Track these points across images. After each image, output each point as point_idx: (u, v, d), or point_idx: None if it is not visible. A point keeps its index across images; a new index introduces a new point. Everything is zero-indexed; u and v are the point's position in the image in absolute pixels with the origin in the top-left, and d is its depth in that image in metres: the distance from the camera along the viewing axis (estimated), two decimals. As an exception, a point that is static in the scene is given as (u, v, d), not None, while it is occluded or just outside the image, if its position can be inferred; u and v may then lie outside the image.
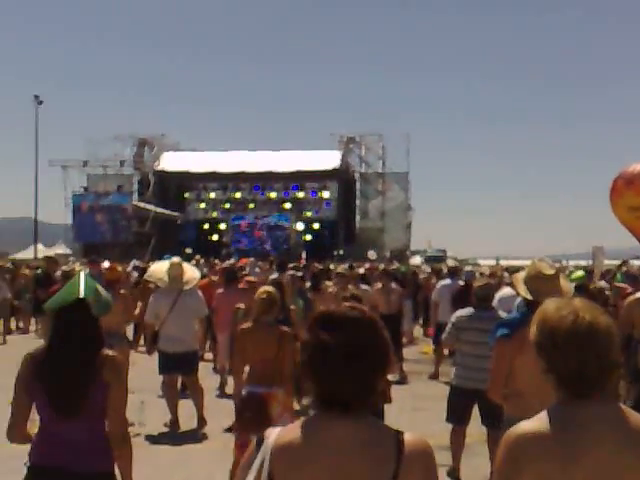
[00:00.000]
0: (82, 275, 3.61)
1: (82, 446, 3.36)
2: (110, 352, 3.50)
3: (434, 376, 11.98)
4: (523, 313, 4.43)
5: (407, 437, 2.00)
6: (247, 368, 5.97)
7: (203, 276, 12.41)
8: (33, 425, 3.49)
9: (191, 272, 9.03)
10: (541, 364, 2.18)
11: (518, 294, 4.63)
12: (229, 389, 9.49)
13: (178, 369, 8.69)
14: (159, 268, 9.10)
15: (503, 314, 6.43)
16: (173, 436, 8.20)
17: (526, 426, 2.14)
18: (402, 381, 11.80)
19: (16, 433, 3.43)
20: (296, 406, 6.15)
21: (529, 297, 4.37)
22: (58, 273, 15.11)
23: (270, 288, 6.34)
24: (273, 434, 1.99)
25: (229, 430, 7.30)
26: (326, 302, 9.34)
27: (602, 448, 2.05)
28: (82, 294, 3.45)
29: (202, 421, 8.56)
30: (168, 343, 8.52)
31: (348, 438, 1.95)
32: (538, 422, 2.13)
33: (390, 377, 6.40)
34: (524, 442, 2.10)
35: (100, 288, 3.63)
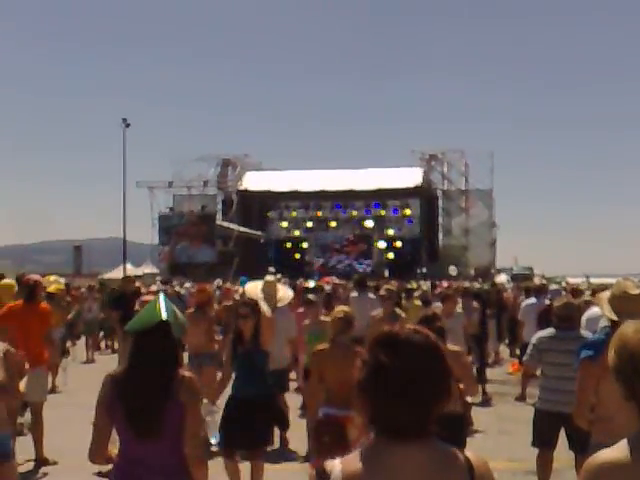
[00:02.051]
0: (161, 297, 3.65)
1: (161, 467, 3.39)
2: (186, 373, 3.52)
3: (521, 398, 11.68)
4: (608, 334, 4.26)
5: (473, 459, 1.95)
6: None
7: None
8: (114, 446, 3.53)
9: (284, 291, 9.18)
10: (621, 390, 2.07)
11: (603, 314, 4.46)
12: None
13: (281, 387, 8.75)
14: (253, 287, 9.22)
15: (587, 334, 6.21)
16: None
17: (606, 455, 2.04)
18: (486, 403, 11.55)
19: (97, 454, 3.47)
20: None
21: (614, 317, 4.21)
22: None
23: (346, 307, 6.29)
24: (337, 466, 1.93)
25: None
26: (407, 322, 9.25)
27: None
28: (164, 317, 3.49)
29: (285, 441, 8.56)
30: (271, 361, 8.54)
31: (418, 464, 1.89)
32: (618, 451, 2.02)
33: (471, 399, 6.25)
34: (604, 472, 2.01)
35: (177, 310, 3.67)
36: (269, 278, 9.28)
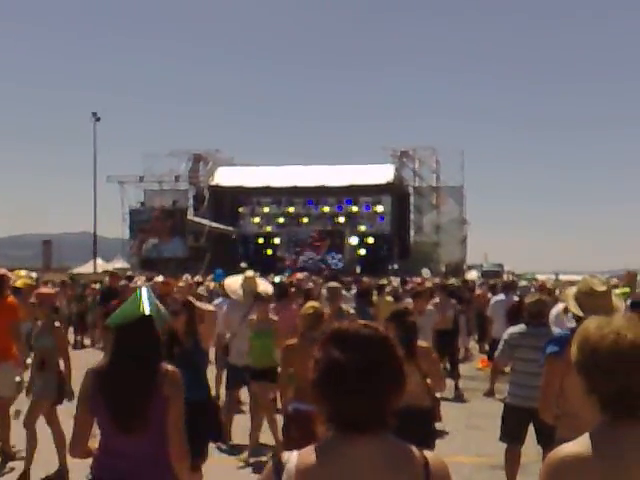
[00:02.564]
0: (144, 291, 3.63)
1: (143, 460, 3.37)
2: (169, 367, 3.50)
3: (489, 393, 11.76)
4: (573, 330, 4.30)
5: (431, 457, 1.96)
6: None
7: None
8: (94, 440, 3.51)
9: (264, 286, 9.18)
10: (583, 384, 2.10)
11: (569, 310, 4.50)
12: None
13: (246, 382, 8.75)
14: (234, 281, 9.23)
15: (556, 330, 6.28)
16: (223, 449, 8.19)
17: (568, 449, 2.07)
18: (458, 398, 11.62)
19: (78, 448, 3.46)
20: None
21: (580, 313, 4.25)
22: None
23: (316, 303, 6.29)
24: (292, 458, 1.94)
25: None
26: (379, 318, 9.30)
27: None
28: (147, 311, 3.48)
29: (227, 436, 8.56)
30: (238, 357, 8.54)
31: (372, 459, 1.90)
32: (580, 445, 2.05)
33: (440, 395, 6.27)
34: (565, 466, 2.03)
35: (159, 304, 3.67)
36: (249, 273, 9.31)
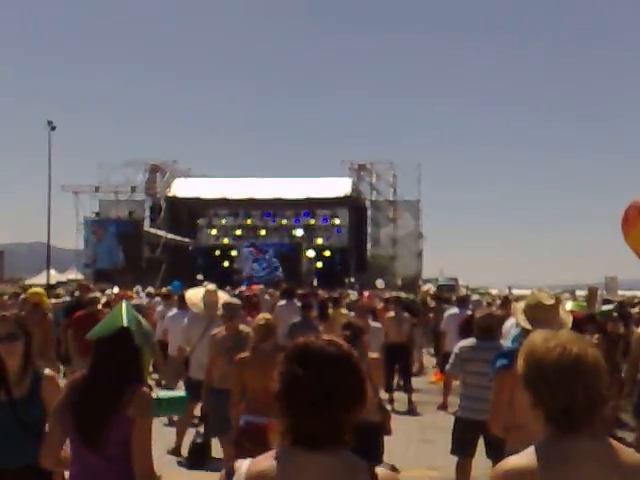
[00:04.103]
0: (124, 305, 3.61)
1: (106, 476, 3.32)
2: (141, 387, 3.43)
3: (442, 407, 11.86)
4: (522, 343, 4.37)
5: (380, 472, 1.98)
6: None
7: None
8: (66, 450, 3.47)
9: (224, 298, 9.11)
10: (529, 398, 2.14)
11: (518, 324, 4.59)
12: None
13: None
14: (195, 294, 9.15)
15: (507, 344, 6.37)
16: (176, 462, 8.14)
17: (513, 462, 2.09)
18: (411, 412, 11.68)
19: (48, 457, 3.43)
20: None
21: (528, 327, 4.33)
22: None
23: (267, 315, 6.30)
24: (244, 465, 1.96)
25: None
26: (334, 331, 9.30)
27: None
28: (125, 323, 3.44)
29: (208, 450, 8.53)
30: (198, 371, 8.47)
31: (321, 472, 1.92)
32: (525, 458, 2.08)
33: (390, 407, 6.31)
34: (510, 478, 2.06)
35: (141, 319, 3.62)
36: (210, 287, 9.24)
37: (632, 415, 8.49)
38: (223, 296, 9.27)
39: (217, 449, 8.33)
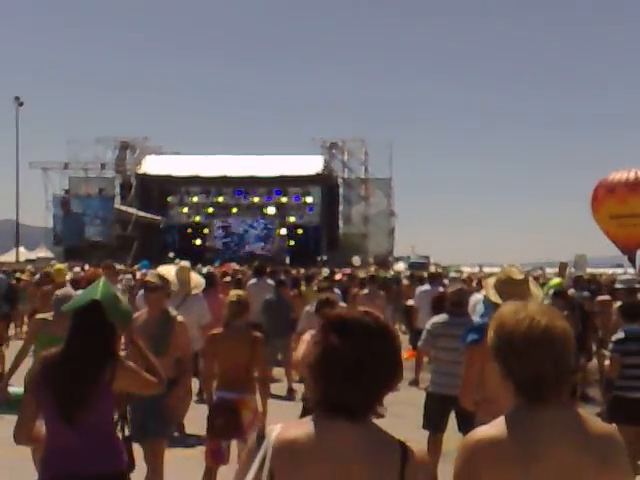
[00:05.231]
0: (102, 280, 3.61)
1: (89, 449, 3.31)
2: (126, 362, 3.48)
3: (414, 382, 11.98)
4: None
5: (410, 447, 2.00)
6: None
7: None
8: (40, 428, 3.47)
9: (197, 278, 9.10)
10: (499, 369, 2.16)
11: (488, 299, 4.63)
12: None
13: None
14: (167, 270, 9.07)
15: (475, 319, 6.43)
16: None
17: (483, 432, 2.12)
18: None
19: (22, 434, 3.41)
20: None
21: (499, 301, 4.37)
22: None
23: (240, 292, 6.28)
24: (275, 431, 1.95)
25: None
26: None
27: (558, 452, 2.04)
28: (98, 296, 3.44)
29: (181, 427, 8.51)
30: None
31: (353, 443, 1.93)
32: (495, 428, 2.11)
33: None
34: (481, 448, 2.08)
35: (119, 295, 3.62)
36: (183, 264, 9.19)
37: (601, 389, 8.65)
38: (194, 274, 9.23)
39: (190, 427, 8.34)
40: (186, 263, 9.36)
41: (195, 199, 54.61)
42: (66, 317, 3.56)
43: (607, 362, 6.62)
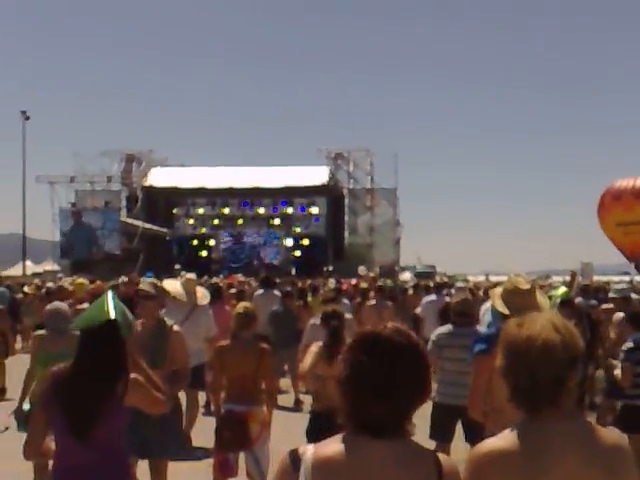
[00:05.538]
0: (110, 295, 3.57)
1: (100, 465, 3.31)
2: (132, 375, 3.46)
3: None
4: (500, 328, 4.40)
5: (443, 459, 2.01)
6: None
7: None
8: (50, 442, 3.45)
9: (202, 290, 9.12)
10: (505, 383, 2.17)
11: (495, 309, 4.62)
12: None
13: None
14: (173, 285, 9.06)
15: (483, 329, 6.42)
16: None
17: (491, 444, 2.11)
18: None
19: (32, 449, 3.40)
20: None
21: (506, 312, 4.36)
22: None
23: (247, 304, 6.28)
24: (309, 451, 1.96)
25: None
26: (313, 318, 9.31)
27: (567, 465, 2.03)
28: (113, 315, 3.41)
29: (188, 440, 8.50)
30: None
31: (388, 458, 1.93)
32: (503, 440, 2.10)
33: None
34: (489, 460, 2.08)
35: (126, 309, 3.59)
36: (189, 276, 9.24)
37: (603, 395, 8.63)
38: (199, 287, 9.27)
39: (197, 439, 8.34)
40: (192, 275, 9.38)
41: (201, 211, 54.61)
42: (62, 333, 3.55)
43: (617, 372, 6.59)
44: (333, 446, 1.96)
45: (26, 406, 5.58)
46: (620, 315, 8.02)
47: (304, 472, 1.91)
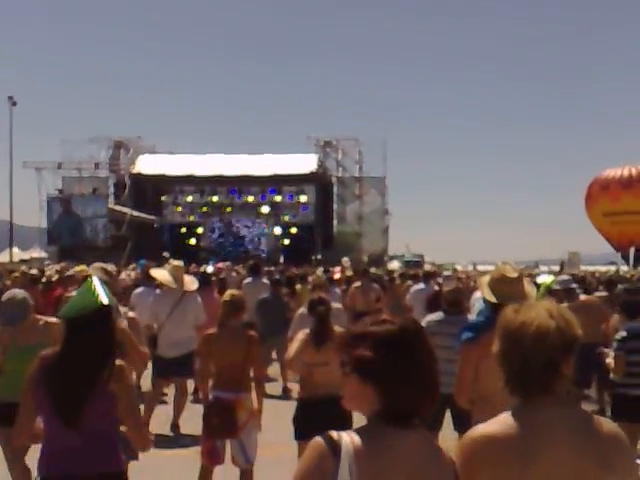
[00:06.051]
0: (96, 281, 3.50)
1: (89, 449, 3.31)
2: (118, 361, 3.43)
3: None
4: (487, 316, 4.41)
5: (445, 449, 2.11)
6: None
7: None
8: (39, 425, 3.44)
9: (189, 277, 9.16)
10: (500, 368, 2.19)
11: (483, 298, 4.63)
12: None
13: (174, 374, 8.67)
14: (160, 273, 9.03)
15: (472, 318, 6.43)
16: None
17: (482, 430, 2.13)
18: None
19: (21, 432, 3.40)
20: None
21: (493, 300, 4.37)
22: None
23: (235, 291, 6.27)
24: (345, 437, 1.97)
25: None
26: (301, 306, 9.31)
27: (559, 452, 2.04)
28: (106, 301, 3.38)
29: (176, 427, 8.52)
30: (167, 349, 8.48)
31: (418, 447, 1.98)
32: (494, 426, 2.12)
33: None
34: (480, 446, 2.09)
35: (110, 294, 3.55)
36: (176, 263, 9.18)
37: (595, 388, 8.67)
38: (186, 276, 9.24)
39: (185, 426, 8.35)
40: (179, 262, 9.35)
41: (189, 198, 54.40)
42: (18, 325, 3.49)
43: (608, 360, 6.61)
44: (362, 437, 1.97)
45: None
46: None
47: (346, 457, 1.92)
